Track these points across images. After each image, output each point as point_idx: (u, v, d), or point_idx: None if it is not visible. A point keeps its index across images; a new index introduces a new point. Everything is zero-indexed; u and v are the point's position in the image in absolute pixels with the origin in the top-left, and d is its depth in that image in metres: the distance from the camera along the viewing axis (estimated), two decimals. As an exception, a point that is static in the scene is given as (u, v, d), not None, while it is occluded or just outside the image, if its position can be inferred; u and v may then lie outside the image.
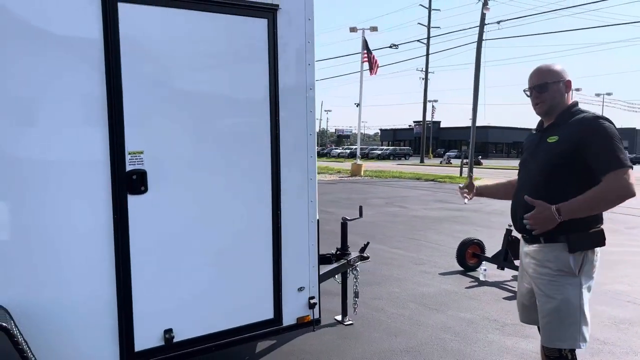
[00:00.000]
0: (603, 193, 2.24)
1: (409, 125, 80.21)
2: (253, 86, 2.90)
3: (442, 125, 76.75)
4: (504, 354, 3.94)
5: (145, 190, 2.59)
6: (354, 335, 4.29)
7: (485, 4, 23.00)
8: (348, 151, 58.48)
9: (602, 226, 2.43)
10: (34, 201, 2.34)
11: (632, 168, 2.27)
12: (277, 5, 2.91)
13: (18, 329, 2.27)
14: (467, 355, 3.89)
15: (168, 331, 2.71)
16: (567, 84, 2.49)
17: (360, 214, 4.60)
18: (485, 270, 6.02)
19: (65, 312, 2.44)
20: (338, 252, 4.51)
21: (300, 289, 3.17)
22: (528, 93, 2.54)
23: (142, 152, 2.57)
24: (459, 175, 24.50)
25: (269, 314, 3.04)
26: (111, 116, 2.47)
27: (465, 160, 25.03)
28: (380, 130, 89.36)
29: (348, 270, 4.55)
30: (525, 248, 2.59)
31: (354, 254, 4.54)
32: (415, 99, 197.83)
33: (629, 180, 2.22)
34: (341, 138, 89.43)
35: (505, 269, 5.91)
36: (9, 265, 2.30)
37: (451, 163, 42.59)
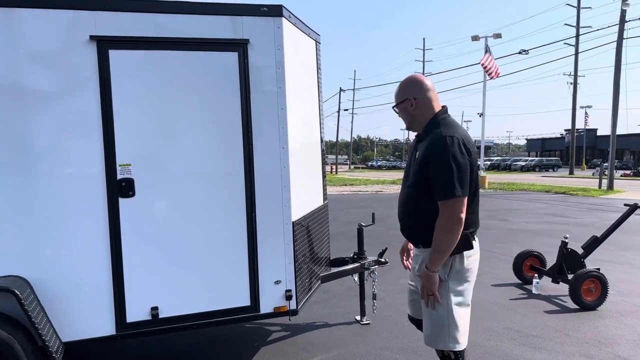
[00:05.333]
0: (438, 234, 2.35)
1: (560, 134, 74.33)
2: (226, 108, 3.45)
3: (599, 133, 69.84)
4: (496, 360, 3.96)
5: (133, 194, 3.28)
6: (364, 333, 4.57)
7: (625, 0, 20.92)
8: (489, 163, 56.07)
9: (472, 230, 2.51)
10: (56, 202, 3.13)
11: (460, 195, 2.30)
12: (247, 40, 3.45)
13: (37, 298, 3.08)
14: (460, 359, 3.97)
15: (154, 308, 3.35)
16: (412, 102, 2.51)
17: (373, 221, 4.89)
18: (537, 283, 5.81)
19: (74, 287, 3.19)
20: (354, 256, 4.84)
21: (277, 282, 3.62)
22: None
23: (129, 165, 3.27)
24: (597, 187, 22.40)
25: (245, 302, 3.55)
26: (106, 135, 3.20)
27: (605, 171, 22.77)
28: (527, 139, 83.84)
29: (366, 274, 4.86)
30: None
31: (370, 258, 4.83)
32: (566, 105, 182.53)
33: (452, 211, 2.29)
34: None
35: (561, 282, 5.66)
36: (33, 250, 3.12)
37: (605, 175, 38.59)
